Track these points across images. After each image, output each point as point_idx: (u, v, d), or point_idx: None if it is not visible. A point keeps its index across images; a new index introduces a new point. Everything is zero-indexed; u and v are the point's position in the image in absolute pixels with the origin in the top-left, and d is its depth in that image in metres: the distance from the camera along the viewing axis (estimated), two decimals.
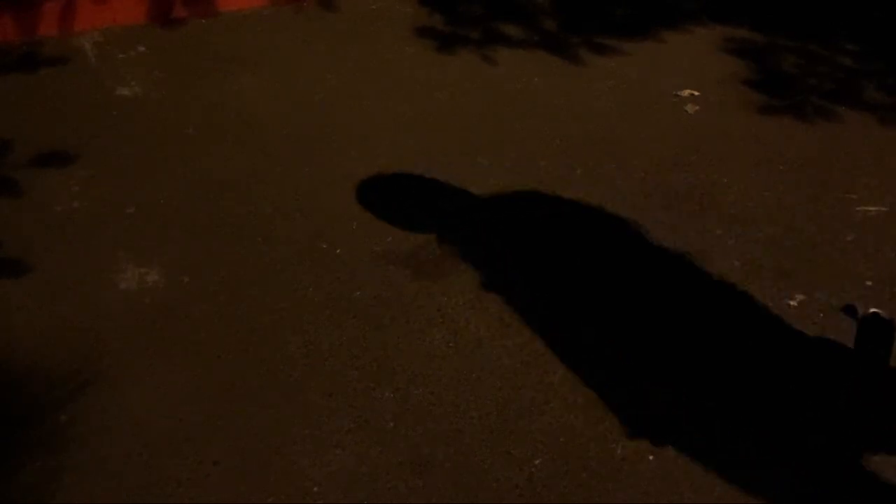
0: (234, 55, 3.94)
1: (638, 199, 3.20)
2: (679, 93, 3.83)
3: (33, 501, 2.14)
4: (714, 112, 3.73)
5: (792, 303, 2.79)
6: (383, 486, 2.22)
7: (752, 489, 2.24)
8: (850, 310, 2.73)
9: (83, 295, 2.72)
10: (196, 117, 3.53)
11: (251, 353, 2.56)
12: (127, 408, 2.38)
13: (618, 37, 4.23)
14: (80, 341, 2.56)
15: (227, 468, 2.24)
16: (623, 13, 4.47)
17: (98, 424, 2.33)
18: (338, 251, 2.92)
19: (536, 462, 2.29)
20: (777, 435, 2.37)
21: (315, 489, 2.21)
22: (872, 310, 2.55)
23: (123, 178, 3.19)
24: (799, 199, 3.24)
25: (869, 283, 2.86)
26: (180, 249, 2.90)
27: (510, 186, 3.23)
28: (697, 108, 3.74)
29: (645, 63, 4.04)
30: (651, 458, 2.31)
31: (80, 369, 2.47)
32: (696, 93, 3.83)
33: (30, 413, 2.35)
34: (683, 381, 2.52)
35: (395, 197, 3.16)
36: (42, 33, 3.99)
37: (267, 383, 2.47)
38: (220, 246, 2.93)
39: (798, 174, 3.37)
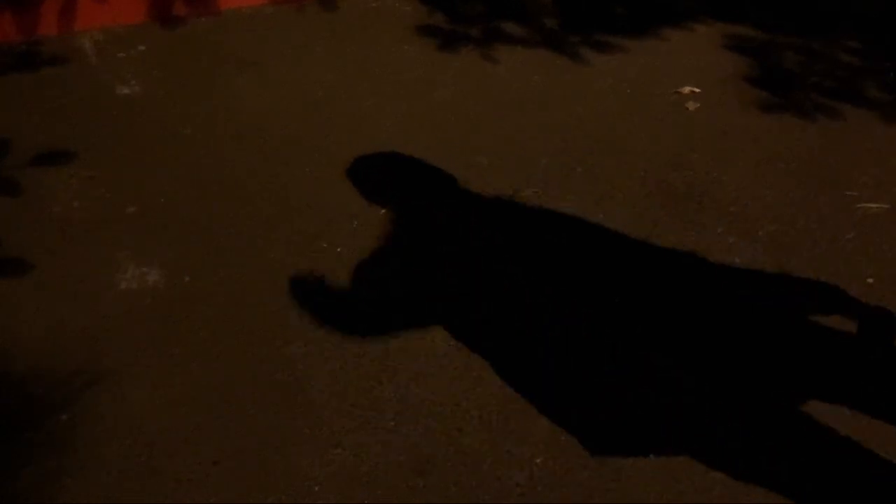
0: (234, 54, 3.94)
1: (638, 198, 3.20)
2: (680, 90, 3.82)
3: (34, 501, 2.15)
4: (715, 110, 3.72)
5: (792, 300, 2.78)
6: (384, 485, 2.22)
7: (753, 487, 2.24)
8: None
9: (84, 294, 2.72)
10: (196, 117, 3.53)
11: (251, 352, 2.56)
12: (127, 408, 2.38)
13: (618, 35, 4.22)
14: (81, 341, 2.56)
15: (227, 468, 2.24)
16: (623, 11, 4.47)
17: (98, 425, 2.33)
18: (338, 250, 2.92)
19: (537, 461, 2.29)
20: (777, 434, 2.37)
21: (315, 488, 2.21)
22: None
23: (123, 178, 3.19)
24: (800, 197, 3.23)
25: (870, 280, 2.86)
26: (181, 249, 2.90)
27: (510, 185, 3.23)
28: (698, 105, 3.73)
29: (645, 61, 4.03)
30: (652, 456, 2.31)
31: (80, 369, 2.47)
32: (697, 90, 3.82)
33: (30, 413, 2.35)
34: (684, 379, 2.52)
35: (395, 195, 3.16)
36: (42, 32, 3.99)
37: (267, 383, 2.47)
38: (221, 245, 2.92)
39: (799, 172, 3.37)
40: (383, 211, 3.08)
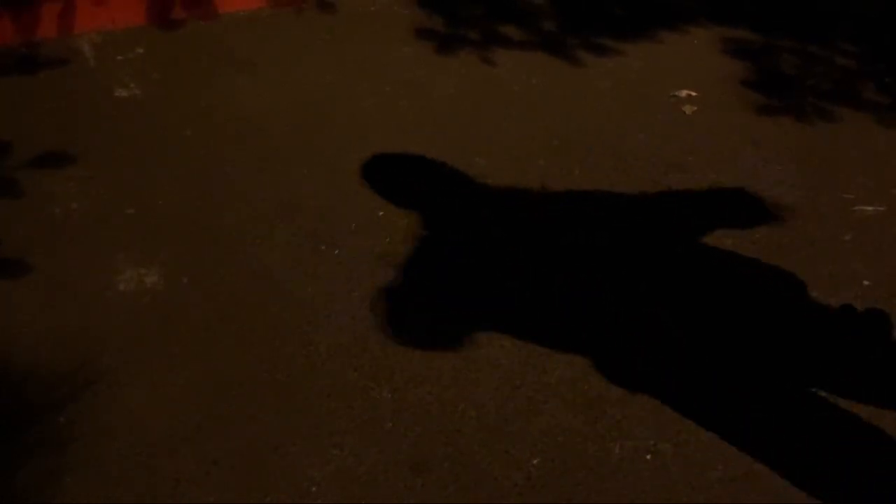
0: (232, 56, 3.94)
1: (636, 200, 3.21)
2: (677, 93, 3.83)
3: (33, 501, 2.15)
4: (712, 112, 3.73)
5: (790, 301, 2.79)
6: (382, 485, 2.22)
7: (750, 486, 2.24)
8: (847, 309, 2.74)
9: (82, 296, 2.72)
10: (194, 119, 3.54)
11: (250, 353, 2.56)
12: (126, 408, 2.38)
13: (616, 37, 4.23)
14: (80, 342, 2.56)
15: (225, 468, 2.25)
16: (622, 14, 4.48)
17: (97, 425, 2.33)
18: (336, 252, 2.93)
19: (535, 461, 2.29)
20: (776, 430, 2.38)
21: (313, 489, 2.21)
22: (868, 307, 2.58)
23: (122, 180, 3.20)
24: (797, 199, 3.24)
25: (867, 282, 2.87)
26: (179, 250, 2.90)
27: (508, 186, 3.24)
28: (695, 108, 3.74)
29: (643, 63, 4.04)
30: (649, 457, 2.31)
31: (79, 370, 2.47)
32: (694, 93, 3.83)
33: (29, 413, 2.35)
34: (682, 380, 2.52)
35: (393, 197, 3.16)
36: (41, 35, 3.99)
37: (265, 383, 2.47)
38: (219, 247, 2.93)
39: (796, 174, 3.37)
40: (381, 213, 3.09)
